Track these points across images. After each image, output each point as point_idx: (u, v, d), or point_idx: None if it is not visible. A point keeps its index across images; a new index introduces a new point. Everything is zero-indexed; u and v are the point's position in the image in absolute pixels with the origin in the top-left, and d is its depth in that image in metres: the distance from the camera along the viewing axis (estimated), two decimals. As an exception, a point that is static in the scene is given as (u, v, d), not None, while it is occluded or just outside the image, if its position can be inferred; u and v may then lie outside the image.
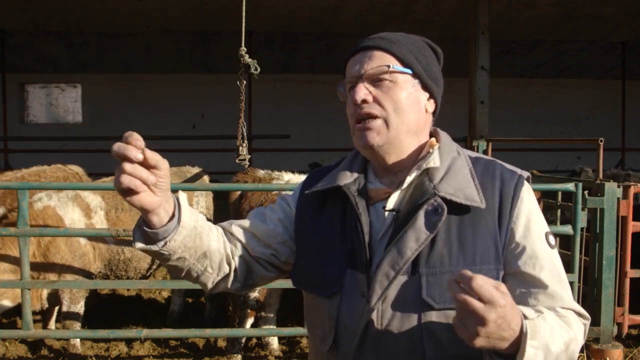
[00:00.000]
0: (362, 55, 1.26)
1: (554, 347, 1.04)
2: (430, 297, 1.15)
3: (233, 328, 4.14)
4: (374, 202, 1.26)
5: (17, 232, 3.64)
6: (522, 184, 1.22)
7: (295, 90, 11.92)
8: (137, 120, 11.47)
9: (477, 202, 1.17)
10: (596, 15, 8.18)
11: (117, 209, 4.43)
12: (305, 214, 1.35)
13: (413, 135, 1.25)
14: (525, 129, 11.91)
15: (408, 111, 1.23)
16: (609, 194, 4.05)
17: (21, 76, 11.54)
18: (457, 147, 1.30)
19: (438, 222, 1.15)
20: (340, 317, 1.22)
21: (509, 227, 1.18)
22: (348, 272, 1.22)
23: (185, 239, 1.18)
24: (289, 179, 4.34)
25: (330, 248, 1.27)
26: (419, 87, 1.26)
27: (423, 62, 1.26)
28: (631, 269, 4.18)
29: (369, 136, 1.22)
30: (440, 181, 1.20)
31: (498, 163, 1.27)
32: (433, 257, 1.17)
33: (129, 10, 7.87)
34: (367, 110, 1.22)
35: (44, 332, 4.27)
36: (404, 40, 1.27)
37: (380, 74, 1.22)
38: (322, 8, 7.87)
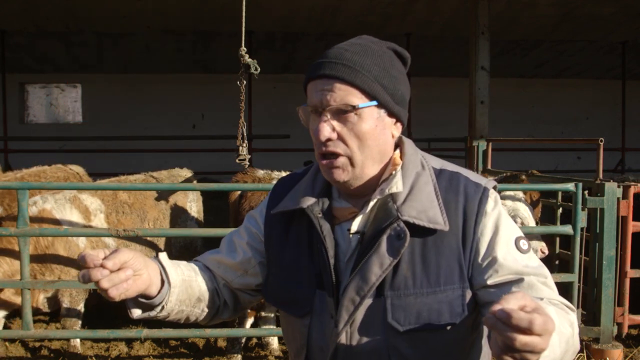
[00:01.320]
0: (324, 84, 1.18)
1: (564, 329, 1.04)
2: (395, 320, 1.16)
3: (233, 328, 4.14)
4: (340, 221, 1.25)
5: (17, 232, 3.64)
6: (486, 197, 1.20)
7: (295, 90, 11.82)
8: (137, 120, 11.48)
9: (440, 224, 1.16)
10: (596, 15, 8.19)
11: (118, 212, 4.37)
12: (272, 233, 1.35)
13: (378, 163, 1.23)
14: (525, 129, 11.91)
15: (373, 144, 1.20)
16: (609, 194, 4.05)
17: (21, 76, 11.54)
18: (422, 157, 1.27)
19: (401, 247, 1.15)
20: (312, 336, 1.24)
21: (473, 245, 1.18)
22: (317, 293, 1.24)
23: (178, 295, 1.25)
24: (289, 179, 4.34)
25: (298, 267, 1.27)
26: (385, 115, 1.21)
27: (390, 88, 1.20)
28: (631, 269, 4.18)
29: (335, 173, 1.20)
30: (403, 202, 1.18)
31: (463, 176, 1.24)
32: (397, 280, 1.17)
33: (129, 10, 7.87)
34: (332, 148, 1.19)
35: (44, 333, 4.27)
36: (369, 63, 1.18)
37: (344, 110, 1.17)
38: (322, 8, 7.87)
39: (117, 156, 9.72)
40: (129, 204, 4.40)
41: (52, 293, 4.12)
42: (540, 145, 10.49)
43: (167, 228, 4.65)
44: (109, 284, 1.06)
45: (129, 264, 1.10)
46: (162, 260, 1.24)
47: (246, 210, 4.22)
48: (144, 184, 4.49)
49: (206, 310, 1.34)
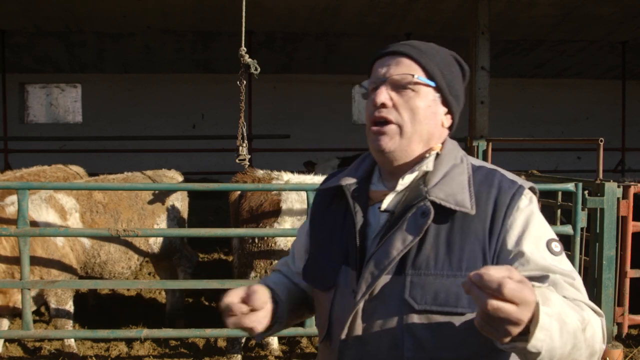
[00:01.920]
0: (389, 59, 1.28)
1: (568, 319, 0.99)
2: (412, 298, 1.17)
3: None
4: (374, 203, 1.29)
5: (17, 232, 3.64)
6: (520, 193, 1.21)
7: (295, 90, 11.93)
8: (137, 120, 11.49)
9: (467, 207, 1.18)
10: (596, 15, 8.19)
11: (92, 211, 4.32)
12: (316, 212, 1.43)
13: (425, 145, 1.28)
14: (525, 129, 11.92)
15: (424, 122, 1.25)
16: (609, 194, 4.05)
17: (21, 76, 11.55)
18: (463, 155, 1.31)
19: (424, 225, 1.17)
20: (333, 310, 1.27)
21: (500, 236, 1.18)
22: (343, 268, 1.27)
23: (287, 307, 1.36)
24: (289, 178, 4.34)
25: (331, 244, 1.32)
26: (438, 101, 1.28)
27: (448, 77, 1.28)
28: (631, 269, 4.18)
29: (382, 140, 1.25)
30: (434, 186, 1.22)
31: (500, 173, 1.27)
32: (419, 259, 1.18)
33: (129, 10, 7.88)
34: (385, 114, 1.24)
35: (43, 332, 4.27)
36: (433, 52, 1.29)
37: (404, 82, 1.24)
38: (322, 8, 7.87)
39: (117, 156, 9.73)
40: (103, 203, 4.37)
41: (37, 292, 4.04)
42: (540, 145, 10.50)
43: (166, 228, 4.65)
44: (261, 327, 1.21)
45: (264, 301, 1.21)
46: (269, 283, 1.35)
47: (246, 210, 4.22)
48: (144, 184, 4.49)
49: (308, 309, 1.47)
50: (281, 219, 4.16)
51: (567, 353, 1.00)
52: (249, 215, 4.20)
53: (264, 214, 4.17)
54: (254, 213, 4.19)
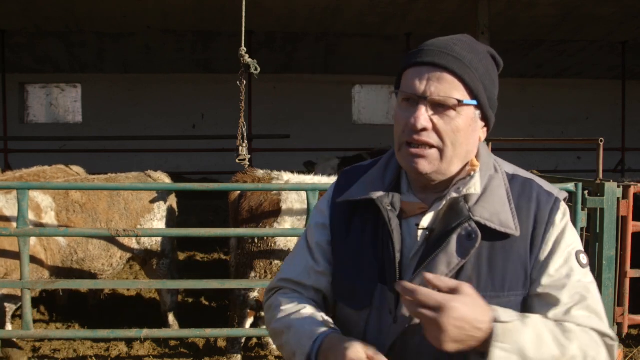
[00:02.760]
0: (429, 72, 1.16)
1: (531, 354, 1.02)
2: None
3: (233, 328, 4.14)
4: (408, 216, 1.23)
5: (17, 232, 3.64)
6: (557, 208, 1.19)
7: (295, 90, 11.93)
8: (137, 120, 11.49)
9: (512, 229, 1.15)
10: (596, 15, 8.19)
11: (69, 210, 4.25)
12: (337, 223, 1.33)
13: (462, 162, 1.22)
14: (525, 129, 11.91)
15: (464, 143, 1.19)
16: (609, 194, 4.05)
17: (21, 76, 11.55)
18: (495, 161, 1.27)
19: (471, 248, 1.13)
20: (368, 331, 1.22)
21: (539, 252, 1.17)
22: (378, 287, 1.21)
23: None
24: (288, 179, 4.34)
25: (361, 259, 1.25)
26: (478, 117, 1.22)
27: (489, 90, 1.22)
28: (631, 269, 4.18)
29: (420, 164, 1.17)
30: (476, 203, 1.17)
31: (536, 184, 1.23)
32: (461, 280, 1.13)
33: (129, 10, 7.88)
34: (425, 139, 1.16)
35: (43, 333, 4.27)
36: (475, 61, 1.19)
37: (447, 104, 1.15)
38: (322, 8, 7.87)
39: (117, 156, 9.73)
40: (80, 203, 4.30)
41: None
42: (540, 145, 10.49)
43: (165, 228, 4.64)
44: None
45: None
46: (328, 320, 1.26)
47: (246, 210, 4.22)
48: (144, 184, 4.48)
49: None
50: (281, 218, 4.16)
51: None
52: (248, 215, 4.20)
53: (264, 214, 4.16)
54: (254, 213, 4.19)
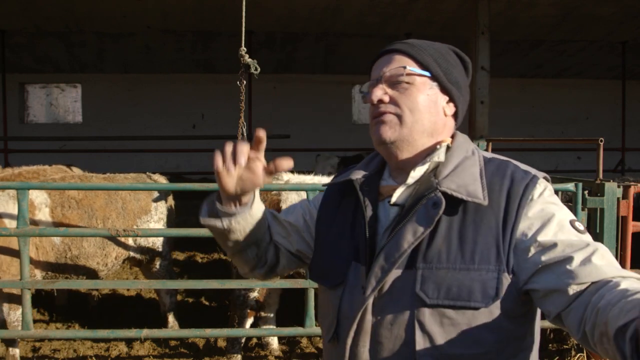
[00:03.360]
0: (382, 60, 1.29)
1: None
2: (424, 292, 1.14)
3: (233, 328, 4.14)
4: (384, 198, 1.27)
5: (17, 232, 3.64)
6: (534, 183, 1.18)
7: (295, 90, 11.93)
8: (137, 120, 11.49)
9: (479, 198, 1.15)
10: (596, 15, 8.19)
11: (64, 206, 4.21)
12: (325, 208, 1.40)
13: (429, 135, 1.26)
14: (525, 129, 11.92)
15: (424, 112, 1.24)
16: (609, 194, 4.05)
17: (21, 76, 11.55)
18: (475, 148, 1.29)
19: (435, 216, 1.15)
20: (342, 308, 1.24)
21: (515, 228, 1.14)
22: (352, 264, 1.24)
23: (247, 225, 1.31)
24: (288, 179, 4.34)
25: (341, 241, 1.30)
26: (437, 89, 1.27)
27: (443, 65, 1.28)
28: (631, 269, 4.18)
29: (382, 129, 1.24)
30: (445, 177, 1.19)
31: (512, 164, 1.24)
32: (431, 252, 1.16)
33: (129, 10, 7.88)
34: (383, 109, 1.25)
35: (43, 333, 4.27)
36: (426, 45, 1.29)
37: (397, 76, 1.24)
38: (322, 8, 7.87)
39: (117, 156, 9.74)
40: (77, 199, 4.26)
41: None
42: (540, 145, 10.50)
43: (165, 228, 4.64)
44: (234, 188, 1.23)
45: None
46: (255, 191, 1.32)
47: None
48: (144, 184, 4.48)
49: (255, 258, 1.41)
50: (281, 219, 4.16)
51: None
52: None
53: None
54: (254, 213, 4.19)
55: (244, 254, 1.39)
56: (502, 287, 1.12)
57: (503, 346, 1.15)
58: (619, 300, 0.97)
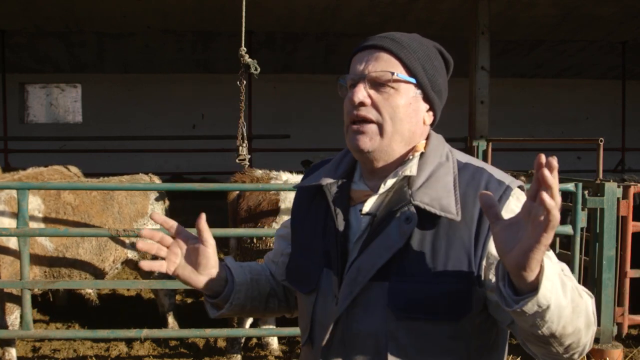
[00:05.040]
0: (368, 54, 1.22)
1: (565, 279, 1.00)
2: (396, 304, 1.14)
3: (233, 328, 4.14)
4: (355, 203, 1.25)
5: (17, 232, 3.64)
6: (507, 196, 1.15)
7: (295, 90, 11.93)
8: (137, 120, 11.49)
9: (452, 214, 1.13)
10: (596, 15, 8.19)
11: (59, 212, 4.14)
12: (297, 210, 1.38)
13: (405, 144, 1.23)
14: (525, 129, 11.91)
15: (404, 121, 1.20)
16: (609, 194, 4.05)
17: (21, 76, 11.55)
18: (449, 151, 1.26)
19: (408, 231, 1.14)
20: (315, 314, 1.25)
21: (486, 242, 1.13)
22: (324, 271, 1.24)
23: (246, 292, 1.34)
24: (287, 178, 4.34)
25: (312, 245, 1.29)
26: (420, 97, 1.23)
27: (430, 73, 1.23)
28: (631, 269, 4.18)
29: (361, 140, 1.20)
30: (418, 189, 1.17)
31: (487, 172, 1.20)
32: (403, 266, 1.15)
33: (129, 10, 7.88)
34: (364, 113, 1.19)
35: (43, 333, 4.27)
36: (415, 45, 1.23)
37: (383, 79, 1.19)
38: (322, 8, 7.87)
39: (117, 156, 9.73)
40: (73, 205, 4.19)
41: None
42: (540, 145, 10.47)
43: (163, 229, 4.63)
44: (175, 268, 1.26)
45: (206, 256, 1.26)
46: (228, 263, 1.35)
47: (244, 209, 4.22)
48: (143, 184, 4.48)
49: (283, 304, 1.44)
50: (279, 218, 4.16)
51: (570, 315, 0.99)
52: (247, 215, 4.20)
53: (263, 214, 4.17)
54: (252, 213, 4.19)
55: (269, 309, 1.42)
56: (473, 300, 1.13)
57: (474, 354, 1.17)
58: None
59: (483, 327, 1.17)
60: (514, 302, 0.97)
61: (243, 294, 1.32)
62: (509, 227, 0.96)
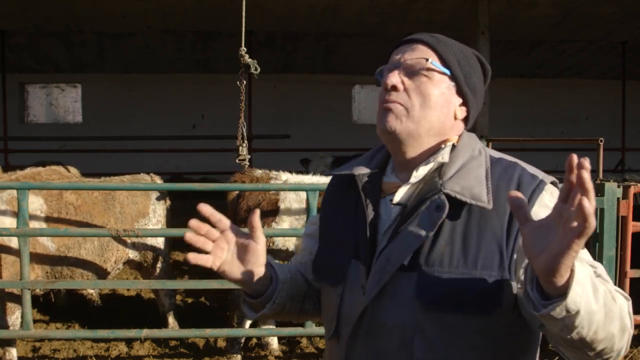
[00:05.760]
0: (405, 47, 1.25)
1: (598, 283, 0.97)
2: (424, 295, 1.12)
3: (233, 328, 4.14)
4: (386, 195, 1.24)
5: (17, 232, 3.64)
6: (541, 189, 1.14)
7: (295, 90, 11.93)
8: (137, 120, 11.49)
9: (483, 202, 1.11)
10: (596, 15, 8.19)
11: (61, 213, 4.12)
12: (327, 203, 1.38)
13: (435, 135, 1.22)
14: (525, 129, 11.92)
15: (434, 109, 1.20)
16: (609, 194, 4.05)
17: (21, 76, 11.55)
18: (481, 147, 1.25)
19: (438, 219, 1.12)
20: (342, 307, 1.23)
21: (518, 235, 1.09)
22: (352, 262, 1.23)
23: (288, 291, 1.31)
24: (287, 178, 4.34)
25: (342, 237, 1.28)
26: (453, 90, 1.23)
27: (465, 68, 1.24)
28: (631, 269, 4.18)
29: (388, 118, 1.20)
30: (449, 179, 1.16)
31: (520, 166, 1.20)
32: (433, 256, 1.13)
33: (129, 10, 7.88)
34: (394, 97, 1.20)
35: (43, 333, 4.27)
36: (451, 42, 1.26)
37: (417, 67, 1.20)
38: (322, 8, 7.87)
39: (117, 156, 9.73)
40: (75, 205, 4.17)
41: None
42: (540, 145, 10.49)
43: (165, 228, 4.64)
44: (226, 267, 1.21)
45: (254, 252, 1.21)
46: (270, 260, 1.30)
47: (244, 209, 4.22)
48: (144, 184, 4.47)
49: (312, 305, 1.40)
50: (279, 218, 4.16)
51: (602, 320, 0.96)
52: (246, 215, 4.20)
53: (262, 214, 4.17)
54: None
55: (305, 310, 1.39)
56: (504, 294, 1.10)
57: (502, 352, 1.13)
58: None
59: (513, 328, 1.13)
60: (542, 306, 0.94)
61: (285, 292, 1.29)
62: (539, 229, 0.94)
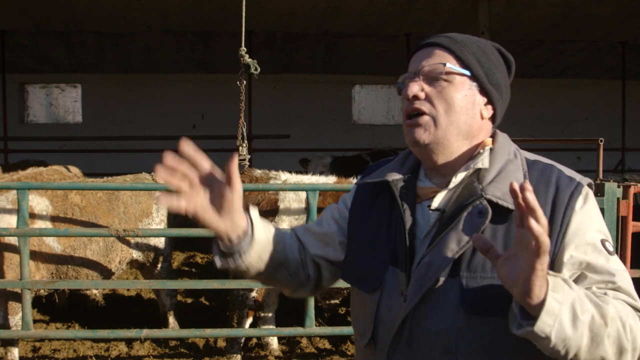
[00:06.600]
0: (423, 52, 1.24)
1: (583, 309, 0.98)
2: (467, 302, 1.11)
3: (233, 328, 4.14)
4: (421, 200, 1.24)
5: (17, 232, 3.64)
6: (578, 192, 1.16)
7: (295, 90, 11.92)
8: (137, 120, 11.48)
9: None
10: (596, 15, 8.18)
11: (67, 214, 4.12)
12: (357, 207, 1.35)
13: (464, 138, 1.21)
14: (525, 129, 11.90)
15: (460, 113, 1.20)
16: (609, 194, 4.04)
17: (21, 76, 11.54)
18: (516, 149, 1.25)
19: (481, 225, 1.11)
20: (380, 313, 1.21)
21: (559, 238, 1.11)
22: (390, 268, 1.21)
23: (260, 252, 1.25)
24: (286, 178, 4.34)
25: (376, 243, 1.26)
26: (476, 90, 1.22)
27: (485, 66, 1.23)
28: (631, 269, 4.17)
29: (416, 132, 1.20)
30: (489, 183, 1.15)
31: (557, 168, 1.21)
32: (475, 261, 1.12)
33: (129, 10, 7.87)
34: (417, 106, 1.20)
35: (43, 333, 4.27)
36: (468, 41, 1.25)
37: (436, 72, 1.20)
38: (322, 8, 7.86)
39: (117, 156, 9.73)
40: (80, 206, 4.17)
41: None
42: (540, 145, 10.46)
43: (166, 228, 4.64)
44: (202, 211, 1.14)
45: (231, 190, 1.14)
46: (252, 215, 1.25)
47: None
48: (144, 184, 4.47)
49: (289, 278, 1.34)
50: (279, 218, 4.16)
51: (585, 346, 0.98)
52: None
53: (261, 213, 4.13)
54: (253, 213, 4.19)
55: (274, 278, 1.34)
56: None
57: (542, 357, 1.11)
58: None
59: None
60: (516, 327, 0.98)
61: (255, 252, 1.23)
62: (509, 261, 0.97)
